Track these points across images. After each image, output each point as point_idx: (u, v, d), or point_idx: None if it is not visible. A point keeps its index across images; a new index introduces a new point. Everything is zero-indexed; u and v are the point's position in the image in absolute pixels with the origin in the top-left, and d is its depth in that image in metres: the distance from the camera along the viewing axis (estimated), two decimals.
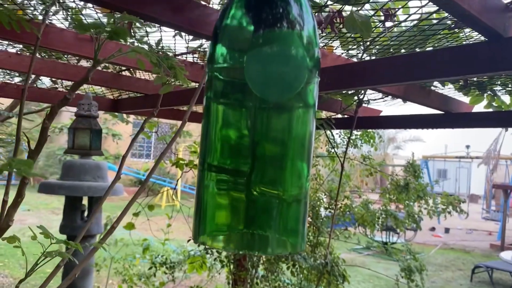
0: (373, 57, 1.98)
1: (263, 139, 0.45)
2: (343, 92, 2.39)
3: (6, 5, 1.57)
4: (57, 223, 3.01)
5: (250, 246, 0.45)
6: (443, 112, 2.32)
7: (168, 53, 2.04)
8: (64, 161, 3.04)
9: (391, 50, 1.90)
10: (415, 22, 1.51)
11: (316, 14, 1.23)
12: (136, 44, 1.90)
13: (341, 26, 1.33)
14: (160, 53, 1.99)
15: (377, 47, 1.88)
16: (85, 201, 2.96)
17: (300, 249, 0.46)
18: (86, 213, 2.92)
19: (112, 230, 1.42)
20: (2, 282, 5.77)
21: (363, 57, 1.95)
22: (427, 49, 1.82)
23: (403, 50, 1.88)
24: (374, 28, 1.45)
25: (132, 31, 1.77)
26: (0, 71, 2.37)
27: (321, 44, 1.69)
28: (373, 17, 1.38)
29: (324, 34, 1.49)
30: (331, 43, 1.69)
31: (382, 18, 1.34)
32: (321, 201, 3.35)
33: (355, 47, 1.85)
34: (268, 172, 0.44)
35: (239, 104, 0.47)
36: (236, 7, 0.47)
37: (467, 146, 19.33)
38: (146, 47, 1.96)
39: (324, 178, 3.59)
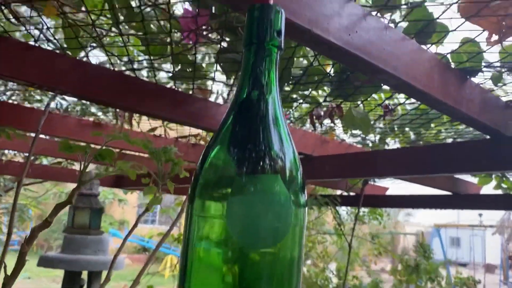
0: (377, 136, 1.98)
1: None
2: None
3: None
4: None
5: None
6: (451, 193, 2.27)
7: (172, 130, 2.03)
8: (65, 235, 3.00)
9: (395, 128, 1.90)
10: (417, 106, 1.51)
11: (315, 109, 1.23)
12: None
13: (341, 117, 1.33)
14: (161, 135, 1.99)
15: (381, 125, 1.88)
16: (85, 275, 2.88)
17: None
18: None
19: None
20: None
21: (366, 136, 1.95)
22: (432, 131, 1.81)
23: (407, 128, 1.88)
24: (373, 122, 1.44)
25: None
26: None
27: (321, 131, 1.69)
28: (375, 105, 1.38)
29: (323, 128, 1.49)
30: (332, 131, 1.69)
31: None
32: (329, 280, 3.20)
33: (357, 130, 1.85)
34: None
35: (218, 250, 0.43)
36: (216, 154, 0.45)
37: (480, 215, 18.85)
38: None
39: (331, 255, 3.47)
